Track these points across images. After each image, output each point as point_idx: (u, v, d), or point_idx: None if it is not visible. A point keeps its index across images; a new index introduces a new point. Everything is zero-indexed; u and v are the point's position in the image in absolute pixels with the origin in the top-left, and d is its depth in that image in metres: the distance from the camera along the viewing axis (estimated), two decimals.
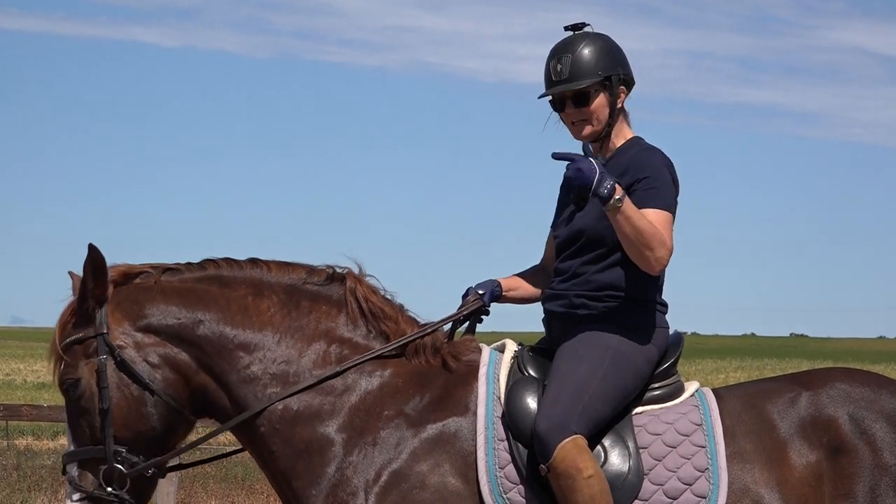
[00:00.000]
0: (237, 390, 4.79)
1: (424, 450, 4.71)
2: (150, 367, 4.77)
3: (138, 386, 4.73)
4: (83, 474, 4.71)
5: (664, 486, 4.71)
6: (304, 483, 4.73)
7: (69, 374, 4.76)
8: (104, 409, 4.70)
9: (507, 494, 4.65)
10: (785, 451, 4.76)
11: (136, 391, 4.74)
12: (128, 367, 4.73)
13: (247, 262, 4.95)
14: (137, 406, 4.74)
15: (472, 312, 5.05)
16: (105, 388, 4.70)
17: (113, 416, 4.70)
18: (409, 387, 4.81)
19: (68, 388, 4.76)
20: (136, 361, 4.75)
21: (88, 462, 4.71)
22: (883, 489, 4.71)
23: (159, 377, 4.76)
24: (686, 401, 4.89)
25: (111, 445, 4.69)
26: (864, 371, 5.05)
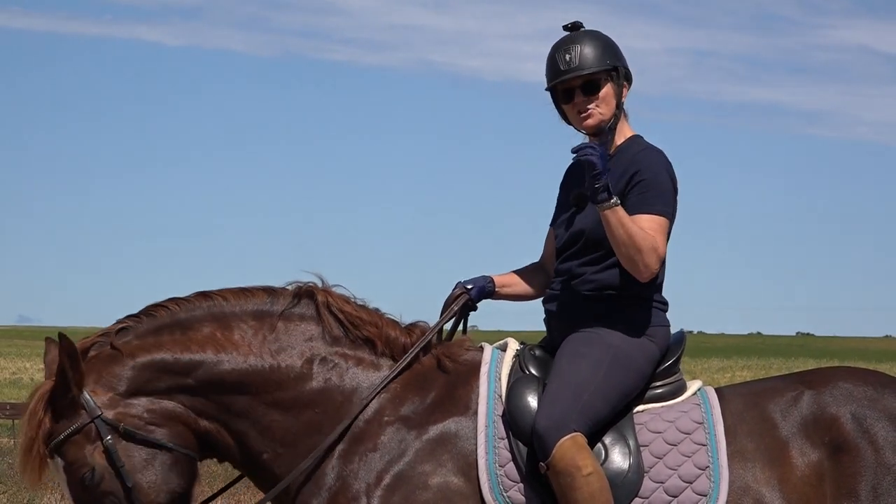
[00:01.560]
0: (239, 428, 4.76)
1: (427, 450, 4.71)
2: (154, 426, 4.70)
3: (153, 449, 4.67)
4: None
5: (665, 483, 4.71)
6: (307, 494, 4.73)
7: (81, 467, 4.64)
8: (129, 486, 4.62)
9: (507, 493, 4.65)
10: (787, 449, 4.75)
11: (152, 455, 4.67)
12: (136, 435, 4.66)
13: (196, 297, 4.86)
14: (158, 468, 4.67)
15: (460, 309, 5.03)
16: (122, 467, 4.62)
17: (140, 489, 4.63)
18: (408, 391, 4.81)
19: (84, 479, 4.63)
20: (140, 427, 4.68)
21: None
22: (885, 488, 4.70)
23: (166, 432, 4.70)
24: (688, 399, 4.90)
25: None
26: (867, 370, 5.05)
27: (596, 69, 4.93)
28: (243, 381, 4.76)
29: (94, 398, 4.67)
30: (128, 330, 4.81)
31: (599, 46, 4.96)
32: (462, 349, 4.94)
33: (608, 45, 4.99)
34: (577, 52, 4.94)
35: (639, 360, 4.84)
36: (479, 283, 5.08)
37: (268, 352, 4.79)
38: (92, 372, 4.71)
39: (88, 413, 4.66)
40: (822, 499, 4.70)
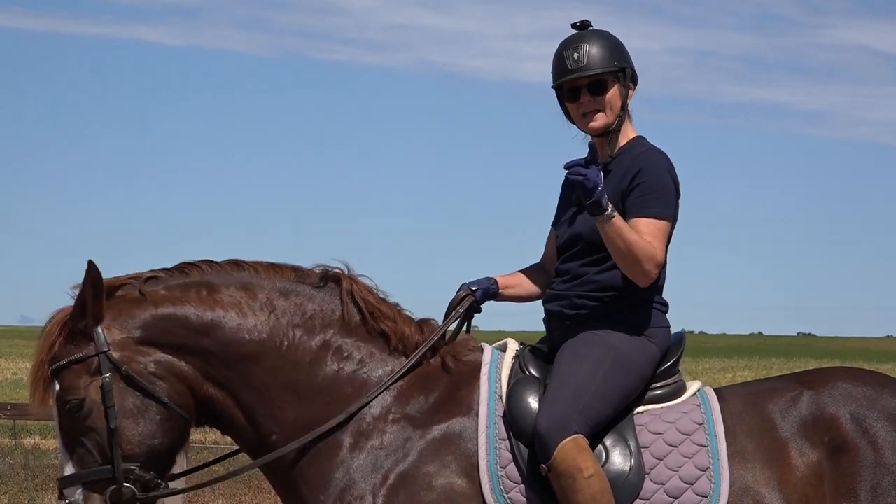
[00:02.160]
0: (248, 401, 4.77)
1: (430, 451, 4.72)
2: (157, 378, 4.70)
3: (148, 399, 4.67)
4: (89, 497, 4.62)
5: (665, 485, 4.72)
6: (313, 488, 4.73)
7: (72, 395, 4.65)
8: (112, 428, 4.62)
9: (508, 494, 4.66)
10: (786, 450, 4.76)
11: (145, 405, 4.67)
12: (135, 380, 4.67)
13: (229, 264, 4.88)
14: (147, 420, 4.68)
15: (465, 311, 5.04)
16: (112, 407, 4.62)
17: (122, 435, 4.63)
18: (414, 389, 4.82)
19: (71, 409, 4.65)
20: (143, 375, 4.69)
21: (95, 484, 4.63)
22: (884, 488, 4.71)
23: (166, 388, 4.70)
24: (688, 400, 4.90)
25: (121, 465, 4.62)
26: (867, 370, 5.06)
27: (603, 70, 4.93)
28: (260, 353, 4.77)
29: (107, 334, 4.69)
30: (158, 280, 4.82)
31: (608, 47, 4.97)
32: (466, 349, 4.95)
33: (616, 46, 4.99)
34: (585, 51, 4.94)
35: (639, 361, 4.85)
36: (483, 284, 5.08)
37: (288, 329, 4.81)
38: (113, 309, 4.73)
39: (96, 346, 4.68)
40: (822, 499, 4.70)
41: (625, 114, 5.00)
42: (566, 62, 4.95)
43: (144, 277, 4.81)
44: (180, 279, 4.83)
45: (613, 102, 4.96)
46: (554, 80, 5.01)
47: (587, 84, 4.94)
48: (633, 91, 5.03)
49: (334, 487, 4.70)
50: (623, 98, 4.98)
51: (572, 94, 4.97)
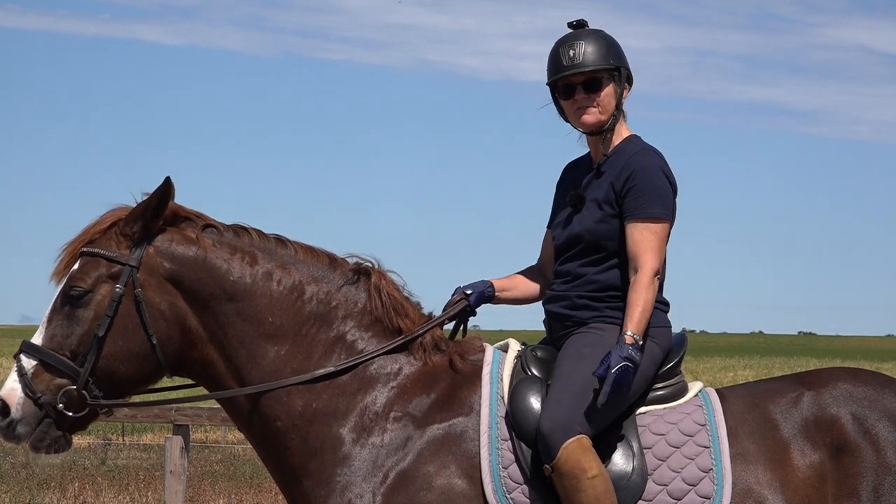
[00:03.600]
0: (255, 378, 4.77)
1: (431, 451, 4.72)
2: (162, 319, 4.73)
3: (140, 329, 4.70)
4: (39, 374, 4.64)
5: (668, 486, 4.72)
6: (314, 483, 4.73)
7: (81, 282, 4.70)
8: (98, 335, 4.66)
9: (510, 494, 4.65)
10: (788, 451, 4.76)
11: (134, 332, 4.70)
12: (141, 309, 4.70)
13: (276, 239, 4.91)
14: (128, 346, 4.70)
15: (458, 313, 5.05)
16: (109, 318, 4.67)
17: (102, 344, 4.66)
18: (417, 387, 4.82)
19: (73, 292, 4.69)
20: (151, 307, 4.72)
21: (51, 368, 4.65)
22: (887, 488, 4.71)
23: (164, 331, 4.72)
24: (690, 401, 4.90)
25: (87, 371, 4.65)
26: (867, 370, 5.06)
27: (598, 67, 4.93)
28: (280, 335, 4.80)
29: (146, 254, 4.74)
30: (214, 231, 4.86)
31: (603, 45, 4.97)
32: (473, 349, 4.95)
33: (612, 45, 4.99)
34: (580, 48, 4.94)
35: (642, 361, 4.83)
36: (478, 288, 5.08)
37: (311, 316, 4.83)
38: (165, 234, 4.78)
39: (131, 256, 4.72)
40: (824, 500, 4.70)
41: (619, 113, 4.99)
42: (562, 59, 4.95)
43: (204, 224, 4.85)
44: (232, 239, 4.86)
45: (608, 101, 4.95)
46: (549, 76, 5.01)
47: (582, 81, 4.94)
48: (628, 91, 5.03)
49: (336, 483, 4.70)
50: (618, 97, 4.98)
51: (567, 90, 4.97)
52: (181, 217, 4.85)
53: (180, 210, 4.85)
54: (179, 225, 4.83)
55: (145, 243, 4.76)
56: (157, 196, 4.76)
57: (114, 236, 4.77)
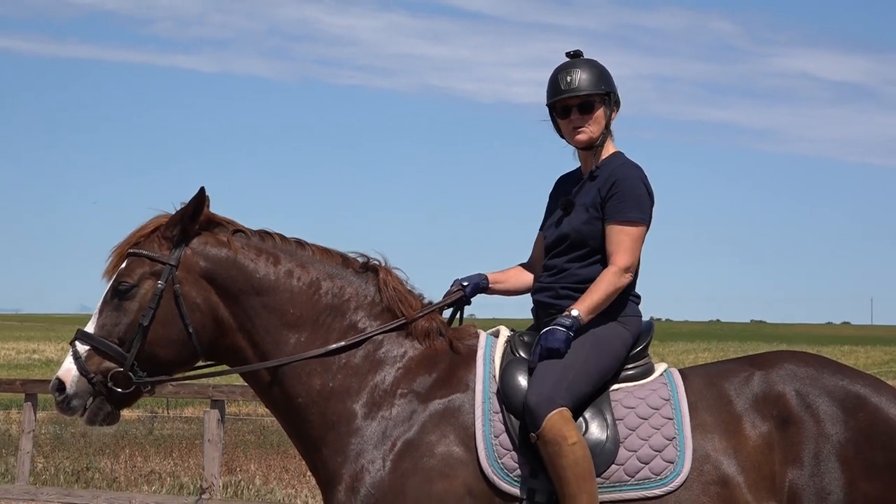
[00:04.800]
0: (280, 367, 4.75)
1: (432, 422, 4.70)
2: (197, 311, 4.73)
3: (179, 320, 4.70)
4: (91, 358, 4.66)
5: (637, 452, 4.71)
6: (332, 451, 4.72)
7: (128, 279, 4.71)
8: (143, 325, 4.67)
9: (501, 460, 4.65)
10: (741, 423, 4.75)
11: (173, 322, 4.70)
12: (180, 302, 4.70)
13: (296, 242, 4.91)
14: (167, 334, 4.70)
15: (455, 302, 5.03)
16: (152, 310, 4.67)
17: (145, 332, 4.67)
18: (420, 368, 4.81)
19: (121, 287, 4.71)
20: (188, 300, 4.72)
21: (101, 353, 4.67)
22: (825, 455, 4.69)
23: (199, 321, 4.73)
24: (656, 379, 4.89)
25: (133, 355, 4.66)
26: (809, 353, 5.04)
27: (591, 92, 4.93)
28: (300, 324, 4.79)
29: (184, 254, 4.74)
30: (242, 235, 4.86)
31: (596, 73, 4.97)
32: (468, 334, 4.94)
33: (604, 74, 4.99)
34: (576, 75, 4.94)
35: (615, 344, 4.84)
36: (473, 280, 5.07)
37: (327, 307, 4.82)
38: (201, 238, 4.79)
39: (171, 257, 4.73)
40: (772, 465, 4.69)
41: (607, 132, 4.99)
42: (560, 84, 4.95)
43: (233, 229, 4.85)
44: (258, 242, 4.86)
45: (598, 121, 4.95)
46: (549, 98, 5.00)
47: (577, 104, 4.94)
48: (615, 113, 5.03)
49: (350, 451, 4.69)
50: (607, 118, 4.98)
51: (564, 111, 4.97)
52: (214, 223, 4.85)
53: (213, 217, 4.85)
54: (213, 230, 4.84)
55: (183, 245, 4.76)
56: (193, 204, 4.77)
57: (156, 239, 4.78)
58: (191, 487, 15.08)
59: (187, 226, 4.77)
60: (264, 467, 17.22)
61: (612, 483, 4.67)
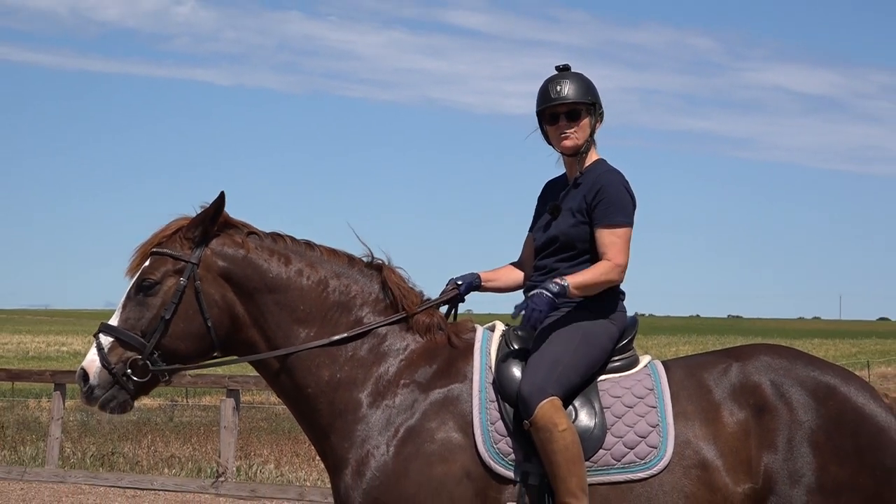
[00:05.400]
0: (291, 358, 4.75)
1: (433, 410, 4.69)
2: (216, 307, 4.71)
3: (199, 315, 4.68)
4: (114, 349, 4.64)
5: (623, 438, 4.70)
6: (339, 437, 4.71)
7: (151, 275, 4.69)
8: (165, 318, 4.65)
9: (497, 445, 4.64)
10: (719, 411, 4.74)
11: (194, 317, 4.68)
12: (200, 298, 4.69)
13: (305, 243, 4.90)
14: (188, 328, 4.68)
15: (450, 299, 5.02)
16: (175, 304, 4.65)
17: (167, 325, 4.65)
18: (421, 360, 4.80)
19: (145, 284, 4.68)
20: (207, 297, 4.70)
21: (125, 344, 4.64)
22: (798, 441, 4.68)
23: (217, 316, 4.71)
24: (641, 370, 4.88)
25: (153, 345, 4.64)
26: (783, 346, 5.03)
27: (579, 101, 4.93)
28: (307, 320, 4.77)
29: (204, 254, 4.73)
30: (256, 236, 4.84)
31: (583, 85, 4.97)
32: (466, 329, 4.94)
33: (590, 86, 4.99)
34: (565, 86, 4.95)
35: (602, 338, 4.83)
36: (467, 279, 5.07)
37: (334, 304, 4.81)
38: (220, 238, 4.77)
39: (192, 255, 4.71)
40: (748, 450, 4.68)
41: (592, 140, 4.98)
42: (550, 93, 4.95)
43: (248, 231, 4.84)
44: (270, 243, 4.85)
45: (584, 129, 4.95)
46: (538, 106, 4.99)
47: (565, 111, 4.94)
48: (600, 124, 5.02)
49: (356, 437, 4.68)
50: (591, 127, 4.97)
51: (553, 118, 4.96)
52: (230, 225, 4.84)
53: (229, 219, 4.84)
54: (228, 231, 4.82)
55: (204, 245, 4.75)
56: (214, 207, 4.76)
57: (178, 239, 4.76)
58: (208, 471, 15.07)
59: (208, 227, 4.75)
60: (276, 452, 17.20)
61: (600, 467, 4.66)
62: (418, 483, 4.57)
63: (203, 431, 20.07)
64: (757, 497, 4.65)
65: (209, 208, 4.76)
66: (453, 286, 5.05)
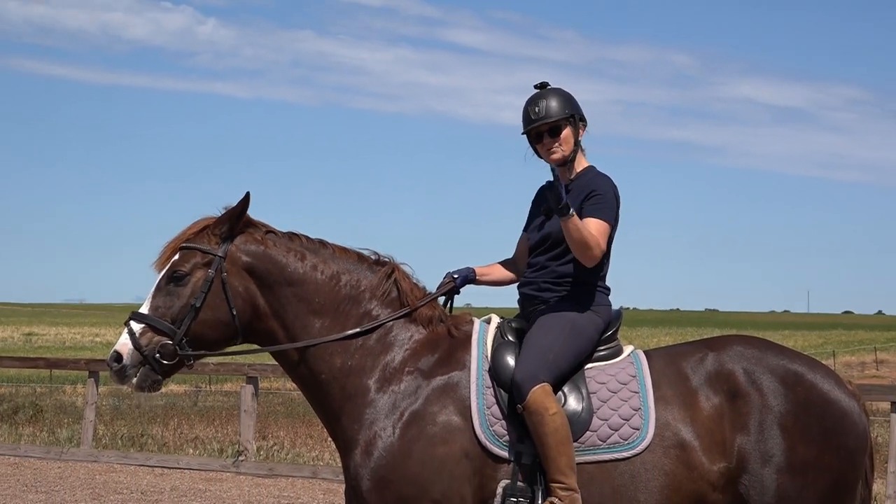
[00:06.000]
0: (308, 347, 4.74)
1: (435, 396, 4.68)
2: (239, 297, 4.70)
3: (224, 304, 4.67)
4: (145, 334, 4.62)
5: (608, 420, 4.69)
6: (350, 420, 4.71)
7: (181, 267, 4.67)
8: (195, 306, 4.63)
9: (493, 427, 4.63)
10: (696, 396, 4.73)
11: (220, 306, 4.66)
12: (226, 289, 4.67)
13: (319, 242, 4.89)
14: (214, 315, 4.66)
15: (447, 292, 5.00)
16: (204, 294, 4.64)
17: (196, 312, 4.63)
18: (424, 349, 4.79)
19: (175, 275, 4.67)
20: (232, 288, 4.68)
21: (154, 329, 4.62)
22: (768, 423, 4.68)
23: (240, 306, 4.69)
24: (624, 359, 4.87)
25: (182, 332, 4.62)
26: (755, 337, 5.02)
27: (558, 118, 4.90)
28: (322, 311, 4.76)
29: (230, 249, 4.72)
30: (274, 234, 4.83)
31: (561, 100, 4.94)
32: (464, 321, 4.93)
33: (567, 99, 4.96)
34: (544, 105, 4.92)
35: (589, 330, 4.83)
36: (463, 273, 5.05)
37: (346, 297, 4.80)
38: (243, 236, 4.76)
39: (220, 250, 4.70)
40: (723, 432, 4.67)
41: (577, 147, 4.96)
42: (531, 114, 4.93)
43: (266, 230, 4.83)
44: (287, 241, 4.84)
45: (567, 141, 4.93)
46: (523, 128, 4.98)
47: (547, 129, 4.92)
48: (583, 130, 5.00)
49: (365, 420, 4.68)
50: (575, 136, 4.95)
51: (538, 136, 4.96)
52: (251, 224, 4.83)
53: (249, 219, 4.83)
54: (249, 230, 4.82)
55: (229, 241, 4.75)
56: (239, 206, 4.76)
57: (207, 235, 4.75)
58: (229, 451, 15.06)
59: (234, 225, 4.75)
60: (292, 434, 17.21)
61: (587, 447, 4.66)
62: (422, 462, 4.57)
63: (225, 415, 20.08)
64: (731, 475, 4.64)
65: (235, 207, 4.76)
66: (450, 279, 5.03)
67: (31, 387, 26.37)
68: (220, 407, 22.85)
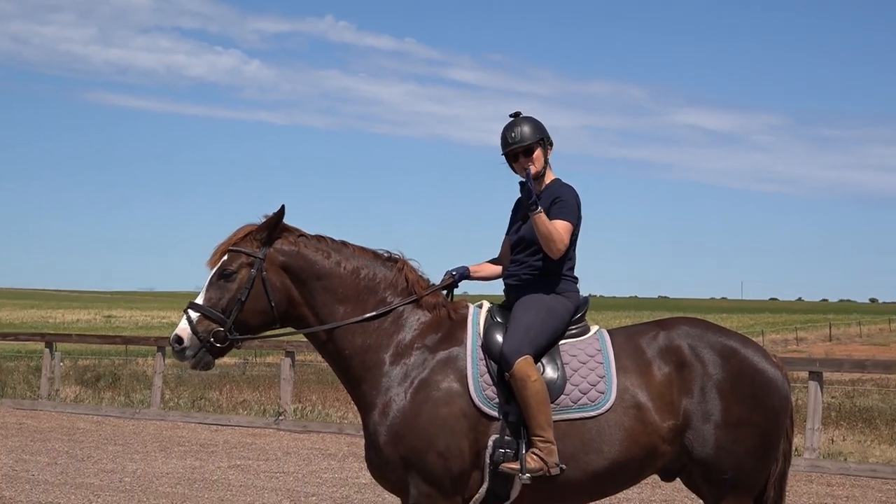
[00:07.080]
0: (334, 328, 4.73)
1: (438, 367, 4.68)
2: (277, 290, 4.67)
3: (264, 297, 4.64)
4: (201, 321, 4.59)
5: (578, 386, 4.69)
6: (369, 387, 4.70)
7: (230, 266, 4.64)
8: (241, 299, 4.60)
9: (485, 392, 4.63)
10: (650, 366, 4.73)
11: (261, 298, 4.63)
12: (265, 284, 4.64)
13: (342, 243, 4.86)
14: (256, 306, 4.64)
15: (448, 286, 4.99)
16: (248, 289, 4.61)
17: (242, 304, 4.61)
18: (430, 329, 4.78)
19: (224, 273, 4.64)
20: (271, 284, 4.66)
21: (208, 318, 4.60)
22: (708, 389, 4.68)
23: (277, 298, 4.67)
24: (591, 336, 4.86)
25: (231, 320, 4.60)
26: (699, 319, 5.01)
27: (531, 141, 4.89)
28: (346, 299, 4.74)
29: (269, 252, 4.68)
30: (305, 237, 4.80)
31: (532, 126, 4.92)
32: (461, 307, 4.91)
33: (538, 125, 4.95)
34: (518, 130, 4.90)
35: (562, 312, 4.82)
36: (460, 270, 5.03)
37: (365, 288, 4.78)
38: (280, 239, 4.72)
39: (260, 252, 4.67)
40: (672, 395, 4.68)
41: (546, 165, 4.96)
42: (508, 139, 4.92)
43: (298, 234, 4.80)
44: (315, 243, 4.81)
45: (539, 159, 4.91)
46: (502, 150, 4.97)
47: (522, 150, 4.91)
48: (551, 150, 4.98)
49: (381, 387, 4.67)
50: (545, 155, 4.94)
51: (514, 157, 4.94)
52: (286, 229, 4.80)
53: (286, 225, 4.81)
54: (285, 234, 4.79)
55: (268, 245, 4.72)
56: (276, 216, 4.73)
57: (250, 240, 4.73)
58: (271, 412, 15.09)
59: (272, 231, 4.73)
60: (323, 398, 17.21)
61: (562, 408, 4.66)
62: (428, 420, 4.57)
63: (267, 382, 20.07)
64: (678, 430, 4.65)
65: (272, 217, 4.74)
66: (449, 276, 5.02)
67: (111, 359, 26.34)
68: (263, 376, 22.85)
